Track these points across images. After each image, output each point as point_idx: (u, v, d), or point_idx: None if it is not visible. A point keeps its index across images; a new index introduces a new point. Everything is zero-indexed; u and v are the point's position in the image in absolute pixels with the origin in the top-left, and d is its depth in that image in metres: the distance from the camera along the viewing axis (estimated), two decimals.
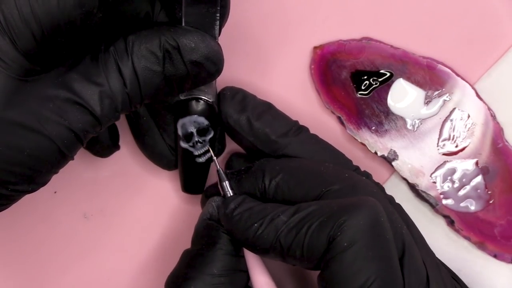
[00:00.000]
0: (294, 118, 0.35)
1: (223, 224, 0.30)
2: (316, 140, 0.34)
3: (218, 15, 0.30)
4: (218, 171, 0.32)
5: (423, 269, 0.29)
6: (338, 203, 0.28)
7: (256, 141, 0.33)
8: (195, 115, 0.33)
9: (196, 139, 0.34)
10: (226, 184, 0.32)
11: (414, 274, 0.28)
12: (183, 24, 0.30)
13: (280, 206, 0.29)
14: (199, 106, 0.33)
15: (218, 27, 0.30)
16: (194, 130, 0.33)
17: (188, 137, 0.34)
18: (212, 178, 0.36)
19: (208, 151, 0.34)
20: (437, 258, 0.32)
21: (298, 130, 0.34)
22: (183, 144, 0.34)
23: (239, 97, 0.34)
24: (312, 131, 0.34)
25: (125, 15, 0.30)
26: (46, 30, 0.26)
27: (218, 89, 0.35)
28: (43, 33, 0.26)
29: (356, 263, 0.26)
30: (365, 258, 0.26)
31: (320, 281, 0.28)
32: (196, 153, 0.34)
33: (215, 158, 0.33)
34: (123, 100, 0.28)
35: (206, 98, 0.33)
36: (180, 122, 0.34)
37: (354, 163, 0.34)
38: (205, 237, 0.31)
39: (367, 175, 0.34)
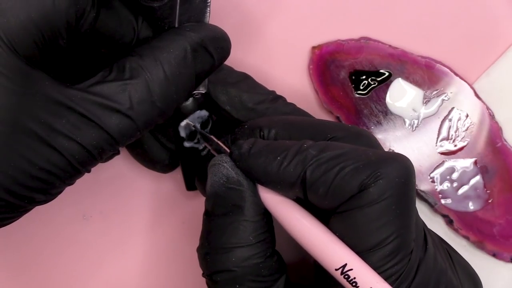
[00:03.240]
0: None
1: (238, 164, 0.29)
2: (294, 108, 0.34)
3: (209, 2, 0.30)
4: (205, 136, 0.31)
5: (421, 227, 0.29)
6: (375, 153, 0.27)
7: (232, 110, 0.33)
8: (197, 111, 0.33)
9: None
10: (220, 142, 0.30)
11: (418, 231, 0.28)
12: (177, 24, 0.30)
13: (301, 141, 0.28)
14: (196, 101, 0.33)
15: (208, 13, 0.31)
16: (198, 126, 0.33)
17: (192, 135, 0.34)
18: None
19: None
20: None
21: (275, 98, 0.34)
22: (188, 144, 0.34)
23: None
24: None
25: (108, 25, 0.30)
26: (46, 34, 0.26)
27: None
28: (44, 37, 0.26)
29: (382, 218, 0.26)
30: (391, 214, 0.26)
31: (335, 223, 0.27)
32: (201, 147, 0.34)
33: (200, 129, 0.33)
34: (147, 120, 0.28)
35: (199, 91, 0.33)
36: (183, 124, 0.33)
37: None
38: (229, 203, 0.29)
39: None
